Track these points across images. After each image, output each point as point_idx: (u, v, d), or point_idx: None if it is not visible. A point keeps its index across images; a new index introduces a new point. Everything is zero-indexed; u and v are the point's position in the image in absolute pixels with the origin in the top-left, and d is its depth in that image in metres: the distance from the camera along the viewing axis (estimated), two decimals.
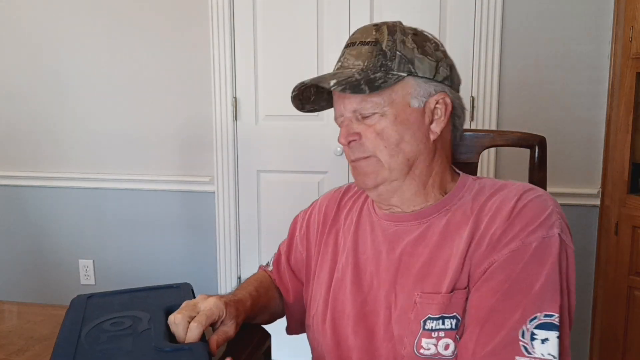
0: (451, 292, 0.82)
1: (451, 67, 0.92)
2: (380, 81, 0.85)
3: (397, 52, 0.87)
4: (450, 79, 0.91)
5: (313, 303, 1.02)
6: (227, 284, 2.59)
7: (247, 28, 2.43)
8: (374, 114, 0.87)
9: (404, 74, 0.87)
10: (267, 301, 1.09)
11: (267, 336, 1.13)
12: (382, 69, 0.86)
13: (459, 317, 0.81)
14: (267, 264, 1.18)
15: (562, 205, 0.83)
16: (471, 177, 0.95)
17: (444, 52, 0.92)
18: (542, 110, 2.21)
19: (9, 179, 2.76)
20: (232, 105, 2.49)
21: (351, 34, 0.94)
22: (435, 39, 0.93)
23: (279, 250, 1.17)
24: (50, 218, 2.77)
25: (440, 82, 0.89)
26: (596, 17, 2.13)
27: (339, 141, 0.92)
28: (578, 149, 2.22)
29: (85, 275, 2.78)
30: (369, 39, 0.89)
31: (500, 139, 1.25)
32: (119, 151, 2.65)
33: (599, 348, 2.11)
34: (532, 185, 0.88)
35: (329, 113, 2.85)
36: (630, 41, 1.90)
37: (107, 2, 2.53)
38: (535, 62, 2.19)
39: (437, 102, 0.89)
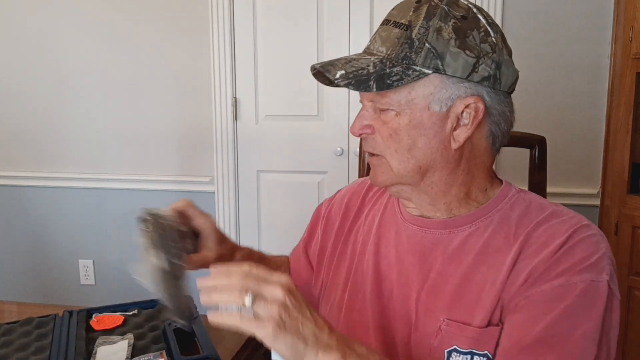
0: (485, 326, 0.75)
1: (498, 63, 0.76)
2: (394, 78, 0.74)
3: (426, 44, 0.74)
4: (493, 78, 0.76)
5: (325, 304, 0.96)
6: None
7: (247, 28, 2.43)
8: (389, 109, 0.77)
9: (429, 71, 0.74)
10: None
11: None
12: (404, 62, 0.74)
13: (490, 356, 0.74)
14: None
15: (562, 205, 0.82)
16: (515, 188, 0.84)
17: (494, 44, 0.76)
18: (542, 110, 2.21)
19: (10, 178, 2.76)
20: (232, 105, 2.49)
21: (394, 7, 0.81)
22: (490, 25, 0.77)
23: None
24: (51, 218, 2.78)
25: (477, 82, 0.75)
26: (596, 17, 2.13)
27: (351, 130, 0.83)
28: (578, 149, 2.22)
29: (85, 275, 2.78)
30: (402, 20, 0.76)
31: None
32: (119, 151, 2.65)
33: None
34: (586, 221, 0.78)
35: (329, 113, 2.84)
36: (630, 41, 1.90)
37: (107, 3, 2.53)
38: (535, 63, 2.19)
39: (466, 106, 0.76)
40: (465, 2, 0.78)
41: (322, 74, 0.79)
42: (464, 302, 0.77)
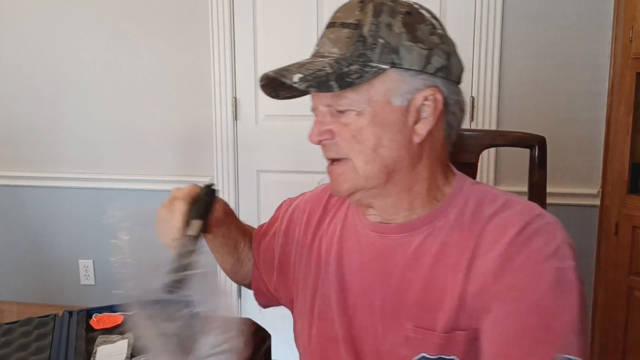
0: (449, 332, 0.74)
1: (449, 54, 0.79)
2: (354, 76, 0.73)
3: (380, 40, 0.74)
4: (446, 69, 0.78)
5: (297, 319, 0.94)
6: (226, 285, 2.59)
7: (247, 28, 2.43)
8: (349, 110, 0.76)
9: (386, 66, 0.74)
10: (238, 240, 1.02)
11: (267, 336, 1.13)
12: (360, 60, 0.74)
13: None
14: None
15: (562, 205, 0.82)
16: (469, 180, 0.84)
17: (441, 36, 0.78)
18: (542, 110, 2.21)
19: (9, 179, 2.76)
20: (232, 105, 2.49)
21: (336, 9, 0.80)
22: (434, 18, 0.79)
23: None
24: (50, 218, 2.77)
25: (431, 74, 0.76)
26: (596, 17, 2.13)
27: (309, 139, 0.81)
28: (578, 149, 2.22)
29: (85, 275, 2.78)
30: (349, 20, 0.75)
31: (500, 139, 1.25)
32: (119, 151, 2.64)
33: (598, 348, 2.11)
34: (539, 209, 0.77)
35: None
36: (630, 41, 1.90)
37: (107, 2, 2.53)
38: (535, 62, 2.19)
39: (425, 99, 0.76)
40: (405, 0, 0.79)
41: (270, 85, 0.79)
42: (428, 307, 0.76)
